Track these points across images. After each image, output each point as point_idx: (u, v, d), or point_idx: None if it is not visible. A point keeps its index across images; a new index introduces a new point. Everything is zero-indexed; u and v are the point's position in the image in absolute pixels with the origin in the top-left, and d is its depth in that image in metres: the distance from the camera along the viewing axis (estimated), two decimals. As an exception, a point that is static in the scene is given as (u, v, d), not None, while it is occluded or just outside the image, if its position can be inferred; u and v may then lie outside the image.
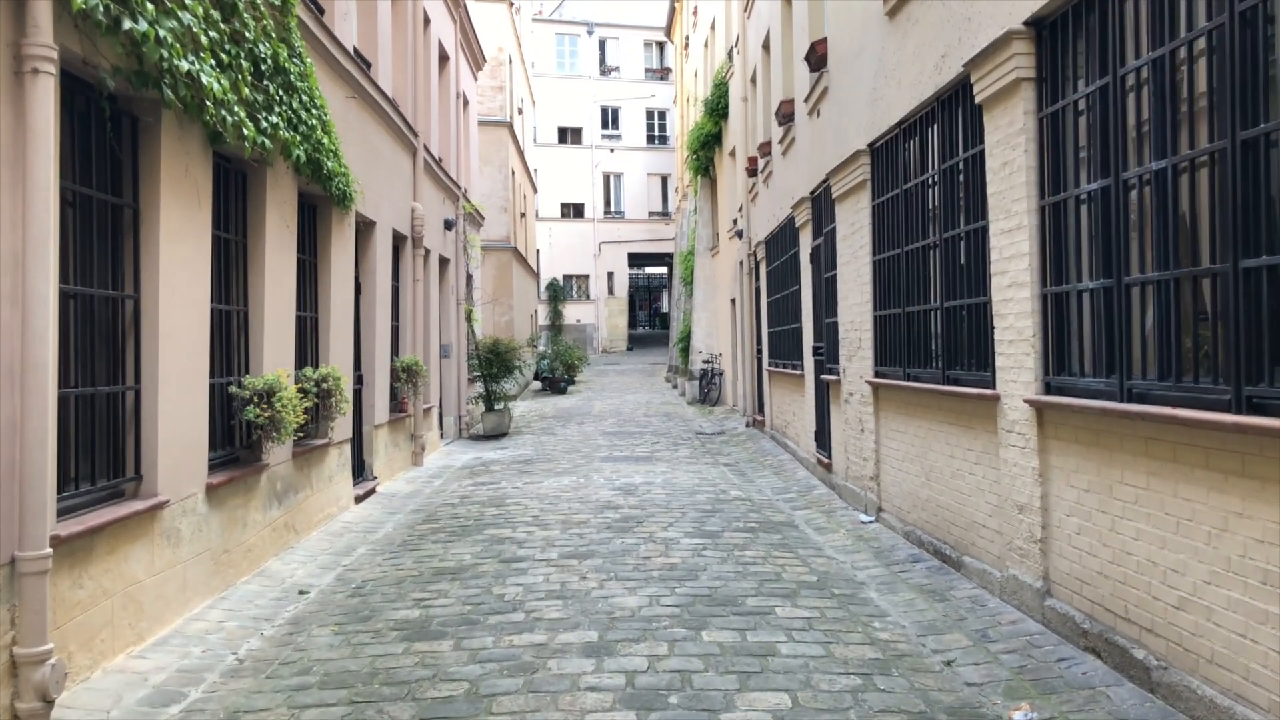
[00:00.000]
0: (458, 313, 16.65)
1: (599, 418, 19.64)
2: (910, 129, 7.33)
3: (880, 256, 8.13)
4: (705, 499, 9.72)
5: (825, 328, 10.23)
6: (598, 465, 12.53)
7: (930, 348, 7.02)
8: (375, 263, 10.84)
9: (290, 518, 7.86)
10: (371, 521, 9.09)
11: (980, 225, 6.06)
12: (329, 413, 8.45)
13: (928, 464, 7.04)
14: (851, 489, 9.04)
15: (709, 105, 21.03)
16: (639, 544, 7.57)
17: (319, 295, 9.05)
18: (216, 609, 5.99)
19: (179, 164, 5.73)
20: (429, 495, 10.56)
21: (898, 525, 7.70)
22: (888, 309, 7.98)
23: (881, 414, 8.15)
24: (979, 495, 6.13)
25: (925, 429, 7.07)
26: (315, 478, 8.59)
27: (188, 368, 5.91)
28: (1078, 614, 4.83)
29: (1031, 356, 5.27)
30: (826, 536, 7.92)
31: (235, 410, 6.87)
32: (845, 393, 9.17)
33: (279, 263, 7.63)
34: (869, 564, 6.92)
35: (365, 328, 10.77)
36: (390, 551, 7.72)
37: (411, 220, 12.69)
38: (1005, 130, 5.47)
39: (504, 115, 25.96)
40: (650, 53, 45.77)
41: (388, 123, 11.35)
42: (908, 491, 7.50)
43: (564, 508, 9.35)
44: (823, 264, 10.35)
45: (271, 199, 7.42)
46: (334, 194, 8.72)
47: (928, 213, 7.04)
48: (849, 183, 8.71)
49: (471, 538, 8.09)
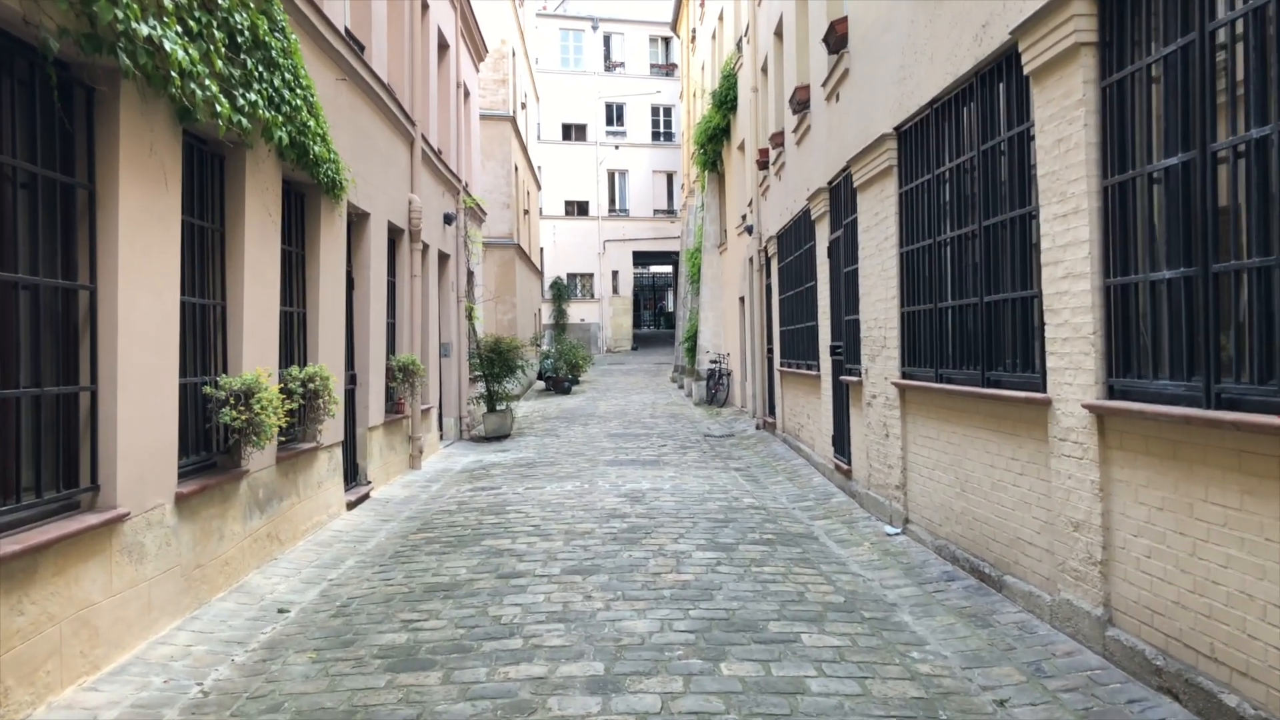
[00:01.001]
0: (458, 310, 16.10)
1: (604, 419, 19.08)
2: (943, 109, 6.76)
3: (908, 248, 7.56)
4: (717, 507, 9.16)
5: (845, 326, 9.66)
6: (603, 469, 11.97)
7: (967, 347, 6.45)
8: (369, 256, 10.29)
9: (274, 527, 7.32)
10: (363, 530, 8.55)
11: (1027, 211, 5.49)
12: (316, 415, 7.90)
13: (963, 473, 6.48)
14: (874, 498, 8.47)
15: (717, 98, 20.45)
16: (648, 558, 7.01)
17: (307, 290, 8.50)
18: (186, 631, 5.44)
19: (142, 141, 5.18)
20: (425, 501, 10.01)
21: (928, 539, 7.14)
22: (916, 305, 7.41)
23: (909, 418, 7.58)
24: (1024, 510, 5.56)
25: (960, 435, 6.50)
26: (302, 484, 8.05)
27: (154, 366, 5.37)
28: (1148, 648, 4.26)
29: (1091, 356, 4.70)
30: (850, 550, 7.35)
31: (211, 412, 6.33)
32: (867, 395, 8.61)
33: (261, 253, 7.08)
34: (899, 582, 6.36)
35: (358, 325, 10.23)
36: (380, 564, 7.17)
37: (409, 213, 12.14)
38: (1060, 103, 4.90)
39: (507, 109, 25.40)
40: (655, 48, 45.19)
41: (383, 109, 10.80)
42: (939, 503, 6.93)
43: (567, 516, 8.79)
44: (842, 258, 9.78)
45: (252, 184, 6.87)
46: (322, 181, 8.17)
47: (964, 199, 6.47)
48: (872, 170, 8.14)
49: (468, 549, 7.53)
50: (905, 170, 7.61)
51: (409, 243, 12.20)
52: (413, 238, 12.25)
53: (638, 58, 44.65)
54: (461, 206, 16.28)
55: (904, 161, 7.63)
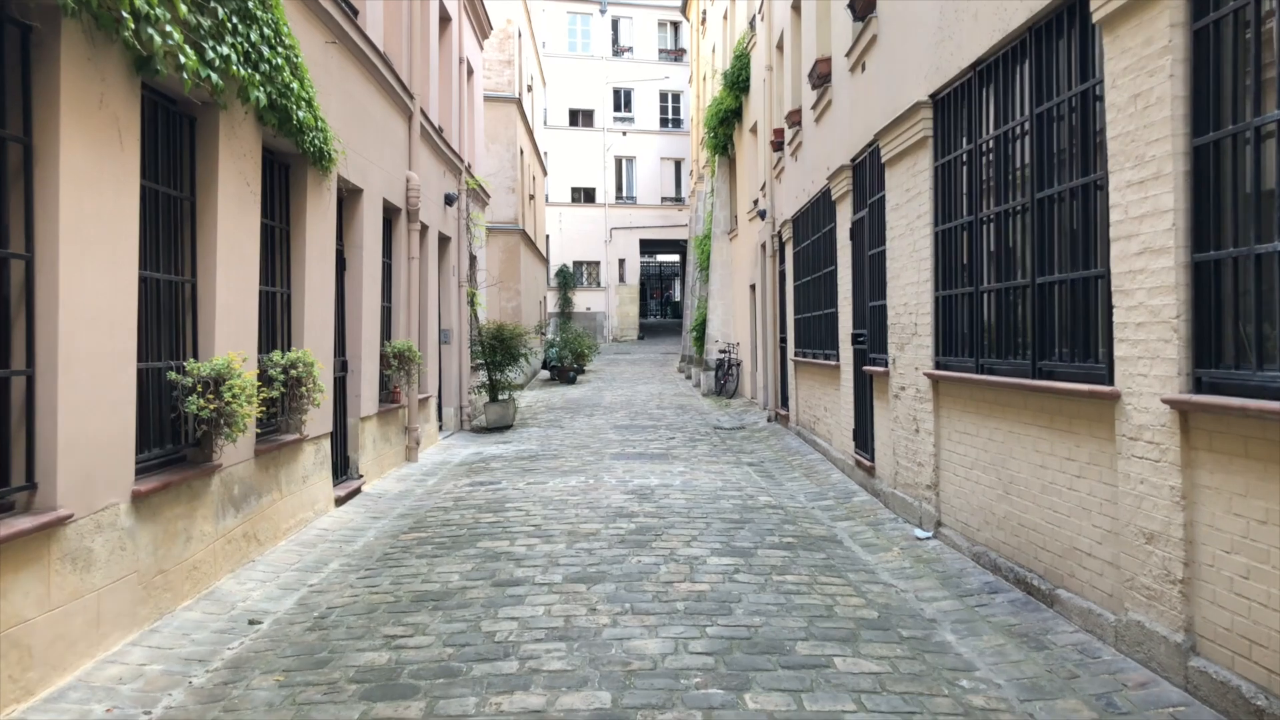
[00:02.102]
0: (459, 295, 15.49)
1: (610, 410, 18.48)
2: (989, 71, 6.12)
3: (944, 227, 6.92)
4: (731, 506, 8.55)
5: (868, 312, 9.03)
6: (608, 463, 11.36)
7: (1013, 334, 5.82)
8: (362, 235, 9.68)
9: (251, 526, 6.73)
10: (351, 528, 7.96)
11: (1091, 180, 4.86)
12: (299, 404, 7.30)
13: (1007, 474, 5.85)
14: (901, 498, 7.85)
15: (728, 78, 19.77)
16: (658, 564, 6.41)
17: (292, 268, 7.89)
18: (141, 647, 4.85)
19: (89, 92, 4.57)
20: (420, 496, 9.42)
21: (963, 544, 6.52)
22: (953, 288, 6.78)
23: (943, 412, 6.96)
24: (1082, 516, 4.94)
25: (1005, 432, 5.88)
26: (285, 479, 7.46)
27: (106, 349, 4.77)
28: (1244, 684, 3.64)
29: (1173, 344, 4.08)
30: (878, 556, 6.74)
31: (177, 401, 5.74)
32: (895, 387, 7.98)
33: (238, 226, 6.48)
34: (936, 594, 5.75)
35: (350, 308, 9.62)
36: (367, 568, 6.58)
37: (406, 191, 11.51)
38: (1139, 52, 4.26)
39: (512, 91, 24.73)
40: (664, 33, 44.36)
41: (378, 79, 10.17)
42: (978, 505, 6.31)
43: (570, 515, 8.19)
44: (866, 240, 9.14)
45: (227, 149, 6.26)
46: (308, 150, 7.55)
47: (1012, 171, 5.83)
48: (905, 142, 7.50)
49: (463, 551, 6.94)
50: (942, 141, 6.97)
51: (406, 222, 11.58)
52: (410, 217, 11.62)
53: (646, 42, 43.83)
54: (463, 187, 15.65)
55: (941, 132, 6.99)
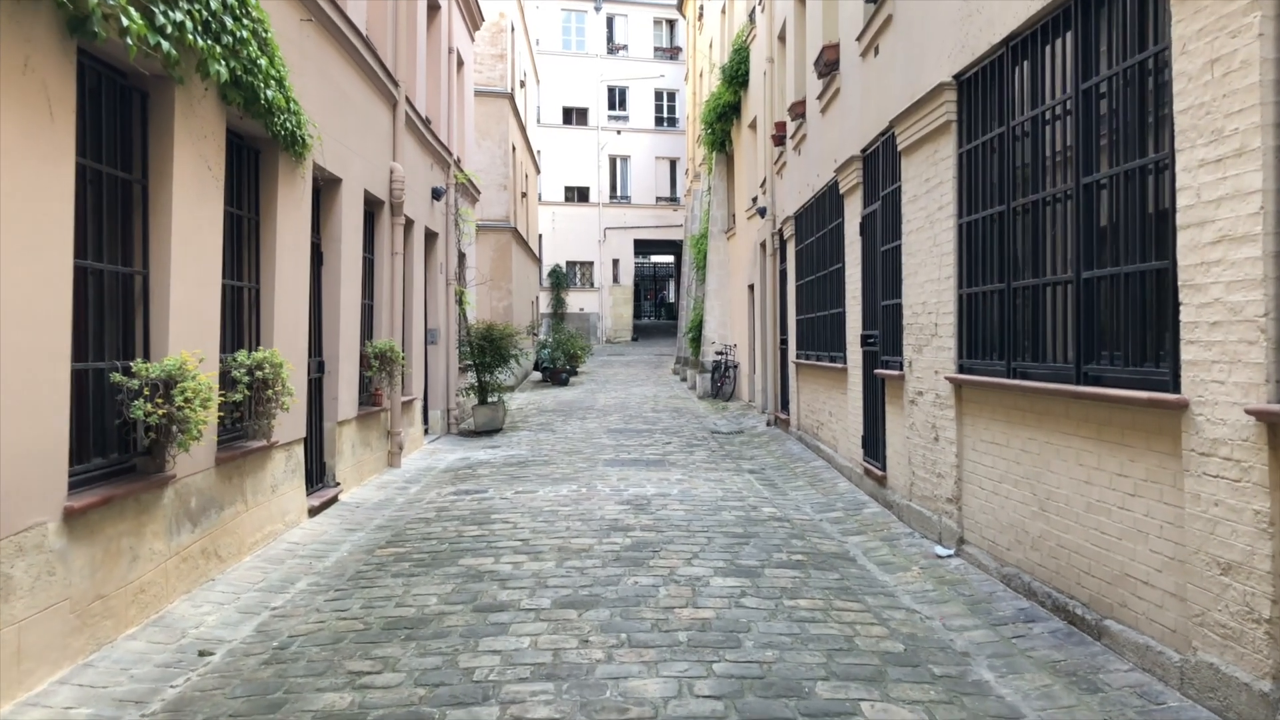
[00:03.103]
0: (447, 294, 14.89)
1: (603, 413, 17.90)
2: (1023, 46, 5.57)
3: (970, 218, 6.37)
4: (733, 518, 7.98)
5: (881, 312, 8.47)
6: (602, 470, 10.78)
7: (1052, 334, 5.27)
8: (341, 228, 9.09)
9: (211, 542, 6.14)
10: (324, 542, 7.37)
11: (1151, 161, 4.30)
12: (265, 408, 6.71)
13: (1043, 489, 5.30)
14: (918, 511, 7.29)
15: (727, 72, 19.21)
16: (657, 586, 5.83)
17: (261, 262, 7.30)
18: (71, 684, 4.26)
19: (13, 55, 3.99)
20: (401, 506, 8.84)
21: (990, 564, 5.96)
22: (980, 285, 6.22)
23: (967, 419, 6.40)
24: (1137, 540, 4.39)
25: (1041, 442, 5.32)
26: (251, 489, 6.87)
27: (31, 345, 4.18)
28: (1354, 746, 3.09)
29: (1259, 346, 3.52)
30: (896, 576, 6.18)
31: (122, 405, 5.15)
32: (911, 391, 7.42)
33: (197, 214, 5.89)
34: (966, 621, 5.18)
35: (328, 305, 9.03)
36: (337, 588, 6.00)
37: (390, 183, 10.92)
38: (1217, 11, 3.71)
39: (505, 86, 24.12)
40: (660, 31, 43.82)
41: (359, 63, 9.58)
42: (1008, 522, 5.75)
43: (561, 528, 7.61)
44: (878, 235, 8.58)
45: (184, 129, 5.67)
46: (279, 134, 6.97)
47: (1050, 155, 5.28)
48: (924, 127, 6.94)
49: (443, 569, 6.36)
50: (967, 126, 6.42)
51: (390, 216, 10.99)
52: (394, 210, 11.03)
53: (641, 40, 43.28)
54: (452, 182, 15.06)
55: (966, 115, 6.43)
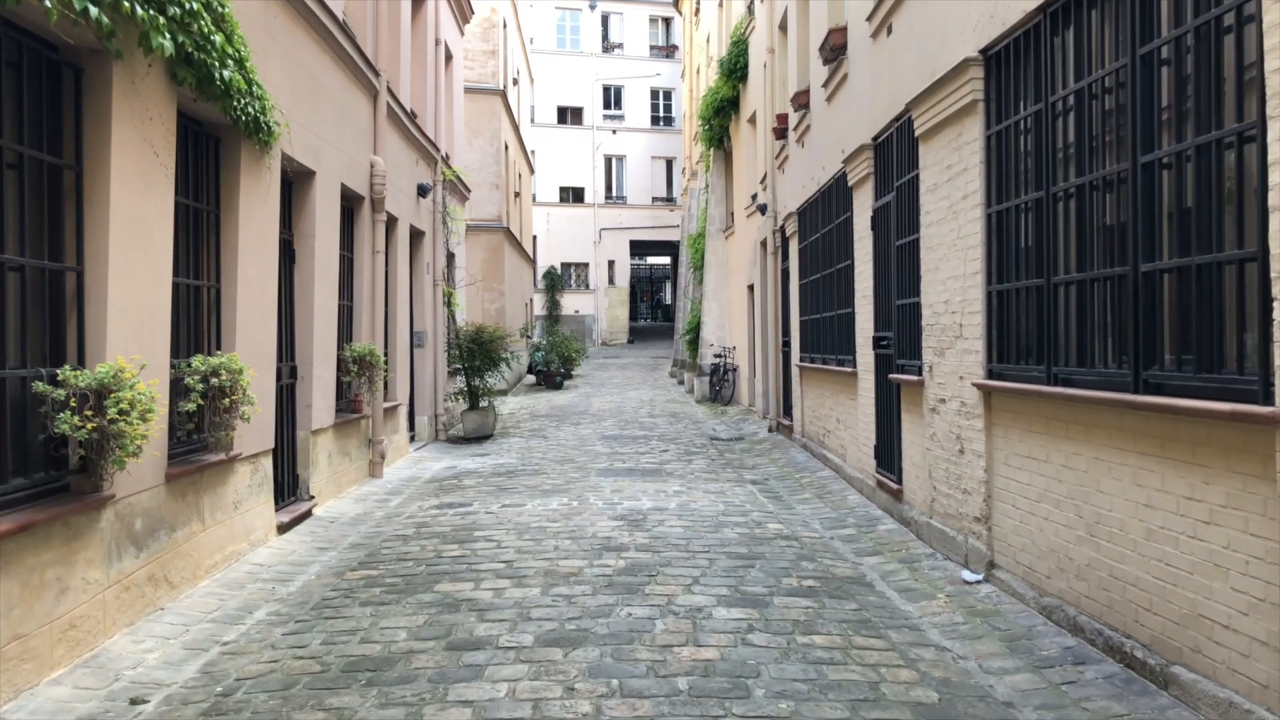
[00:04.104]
0: (434, 295, 14.27)
1: (598, 417, 17.28)
2: (1064, 11, 4.96)
3: (1000, 207, 5.77)
4: (736, 536, 7.37)
5: (895, 312, 7.87)
6: (595, 481, 10.16)
7: (1104, 336, 4.66)
8: (314, 224, 8.47)
9: (160, 567, 5.52)
10: (291, 563, 6.75)
11: (1227, 134, 3.70)
12: (222, 419, 6.07)
13: (1092, 511, 4.69)
14: (940, 529, 6.69)
15: (725, 65, 18.61)
16: (653, 618, 5.21)
17: (222, 259, 6.68)
18: (-29, 747, 3.64)
19: (-111, 5, 3.38)
20: (379, 521, 8.21)
21: (1027, 593, 5.35)
22: (1012, 281, 5.62)
23: (998, 430, 5.80)
24: (1213, 575, 3.78)
25: (1088, 458, 4.72)
26: (210, 506, 6.25)
27: (-78, 352, 3.57)
28: None
29: (1381, 349, 2.92)
30: (920, 606, 5.57)
31: (47, 419, 4.53)
32: (932, 399, 6.82)
33: (141, 204, 5.27)
34: (1006, 663, 4.57)
35: (301, 306, 8.41)
36: (299, 619, 5.37)
37: (370, 177, 10.30)
38: (1324, -51, 3.11)
39: (496, 83, 23.50)
40: (656, 29, 43.26)
41: (335, 49, 8.96)
42: (1048, 547, 5.15)
43: (549, 547, 6.99)
44: (892, 229, 7.98)
45: (125, 110, 5.06)
46: (239, 119, 6.35)
47: (1101, 132, 4.68)
48: (945, 109, 6.35)
49: (417, 597, 5.74)
50: (996, 105, 5.82)
51: (370, 212, 10.37)
52: (375, 206, 10.42)
53: (637, 38, 42.73)
54: (439, 178, 14.44)
55: (995, 94, 5.83)
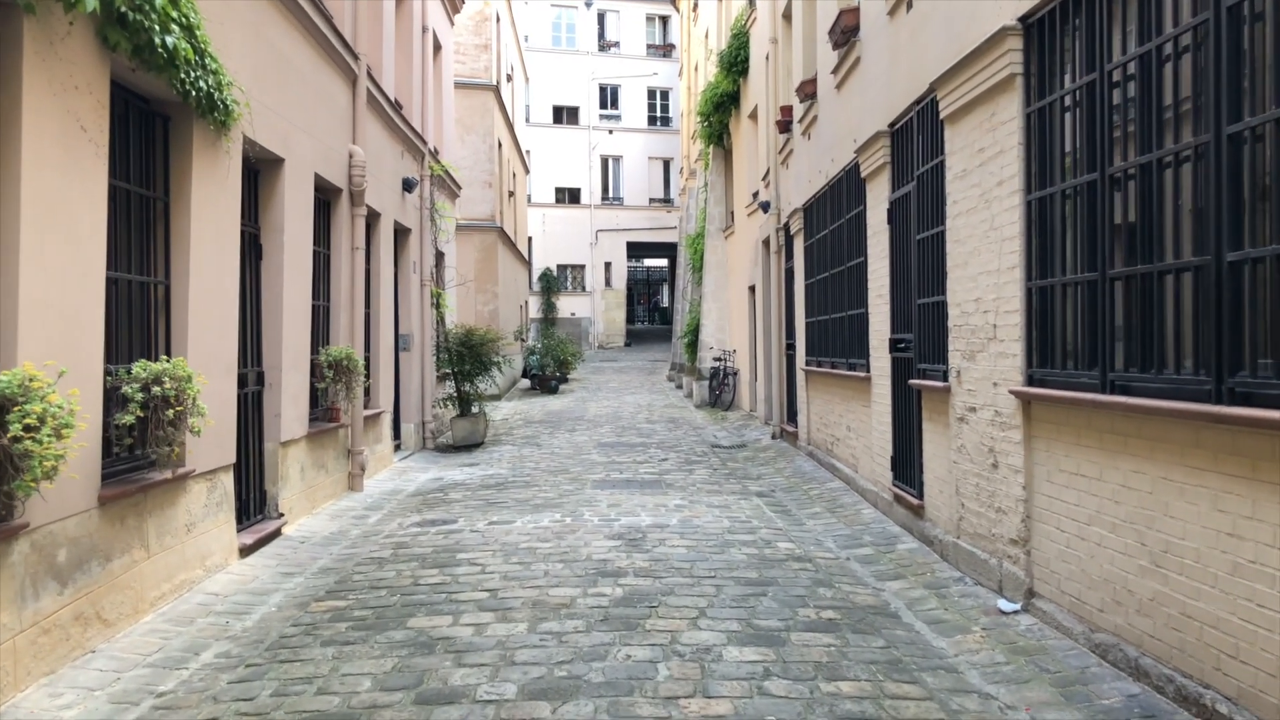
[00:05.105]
0: (422, 296, 13.61)
1: (594, 423, 16.62)
2: (1124, -35, 4.33)
3: (1041, 193, 5.12)
4: (745, 558, 6.71)
5: (916, 311, 7.22)
6: (590, 494, 9.50)
7: (1174, 336, 4.02)
8: (284, 216, 7.81)
9: (91, 603, 4.86)
10: (251, 591, 6.08)
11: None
12: (166, 433, 5.40)
13: (1158, 538, 4.05)
14: (969, 551, 6.04)
15: (725, 59, 17.98)
16: (655, 661, 4.55)
17: (172, 252, 6.03)
18: None
19: None
20: (355, 540, 7.55)
21: (1075, 628, 4.71)
22: (1057, 275, 4.98)
23: (1039, 443, 5.15)
24: (1326, 622, 3.14)
25: (1154, 478, 4.07)
26: (155, 530, 5.59)
27: None
28: None
29: None
30: (955, 641, 4.91)
31: (-57, 436, 3.87)
32: (959, 407, 6.17)
33: (60, 185, 4.62)
34: (1061, 714, 3.92)
35: (269, 306, 7.76)
36: (250, 663, 4.71)
37: (349, 168, 9.65)
38: None
39: (490, 78, 22.86)
40: (653, 27, 42.62)
41: (306, 26, 8.32)
42: (1102, 576, 4.50)
43: (538, 572, 6.34)
44: (912, 221, 7.34)
45: (40, 75, 4.40)
46: (189, 94, 5.70)
47: (1173, 101, 4.04)
48: (979, 85, 5.70)
49: (387, 634, 5.08)
50: (1037, 79, 5.18)
51: (349, 206, 9.72)
52: (354, 200, 9.76)
53: (634, 37, 42.09)
54: (427, 173, 13.78)
55: (1036, 66, 5.19)
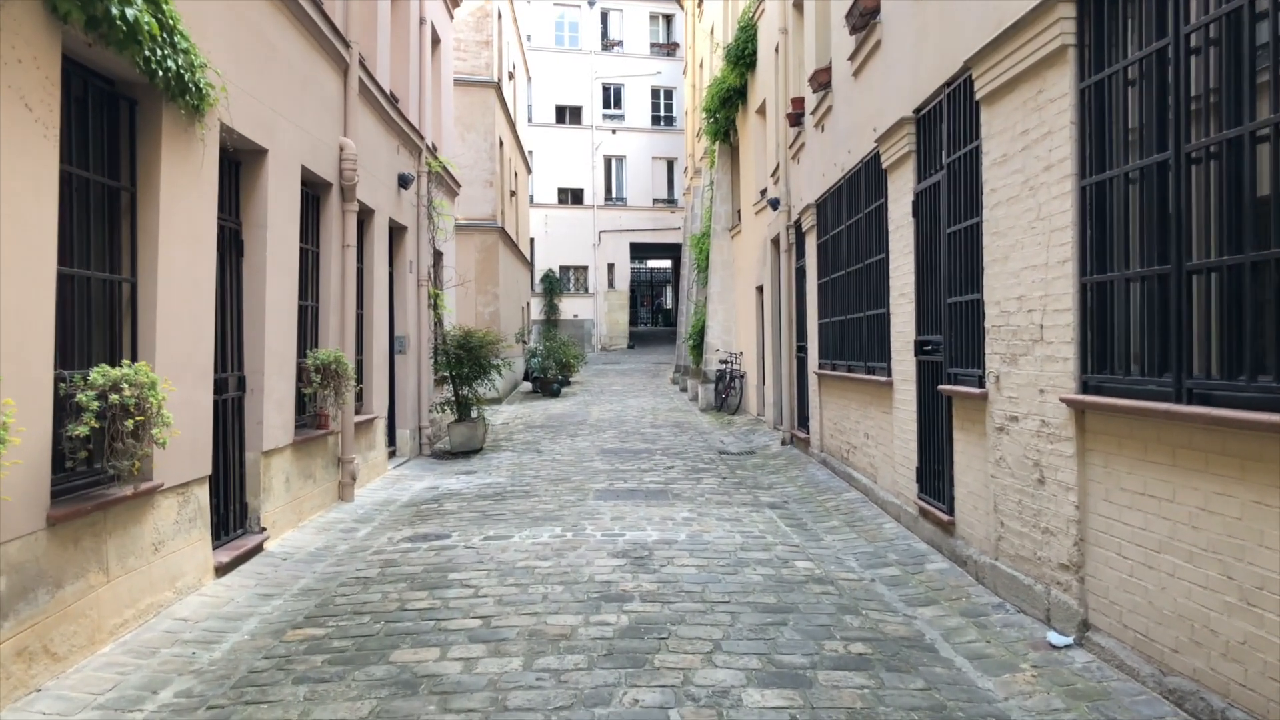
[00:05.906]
0: (418, 296, 13.10)
1: (596, 428, 16.10)
2: (1203, -84, 3.81)
3: (1098, 178, 4.60)
4: (761, 579, 6.18)
5: (946, 311, 6.70)
6: (593, 505, 8.98)
7: (1271, 337, 3.49)
8: (267, 211, 7.30)
9: (38, 636, 4.35)
10: (224, 617, 5.57)
11: None
12: (126, 444, 4.88)
13: (1250, 572, 3.52)
14: (1009, 575, 5.50)
15: (731, 53, 17.45)
16: (666, 707, 4.02)
17: (139, 248, 5.52)
18: None
19: None
20: (340, 557, 7.03)
21: (1141, 668, 4.18)
22: (1117, 270, 4.45)
23: (1095, 458, 4.62)
24: None
25: (1246, 502, 3.54)
26: (116, 551, 5.08)
27: None
28: None
29: None
30: (1003, 682, 4.38)
31: None
32: (999, 415, 5.64)
33: (10, 173, 4.11)
34: (1142, 779, 3.40)
35: (250, 307, 7.25)
36: (213, 704, 4.20)
37: (339, 161, 9.14)
38: None
39: (491, 75, 22.36)
40: (656, 26, 42.15)
41: (293, 10, 7.81)
42: (1175, 611, 3.97)
43: (536, 596, 5.81)
44: (940, 214, 6.81)
45: (-24, 45, 3.90)
46: (155, 74, 5.20)
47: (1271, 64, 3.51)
48: (1023, 60, 5.18)
49: (367, 670, 4.56)
50: (1094, 49, 4.65)
51: (340, 201, 9.21)
52: (345, 195, 9.25)
53: (637, 36, 41.62)
54: (424, 169, 13.27)
55: (1091, 35, 4.67)
